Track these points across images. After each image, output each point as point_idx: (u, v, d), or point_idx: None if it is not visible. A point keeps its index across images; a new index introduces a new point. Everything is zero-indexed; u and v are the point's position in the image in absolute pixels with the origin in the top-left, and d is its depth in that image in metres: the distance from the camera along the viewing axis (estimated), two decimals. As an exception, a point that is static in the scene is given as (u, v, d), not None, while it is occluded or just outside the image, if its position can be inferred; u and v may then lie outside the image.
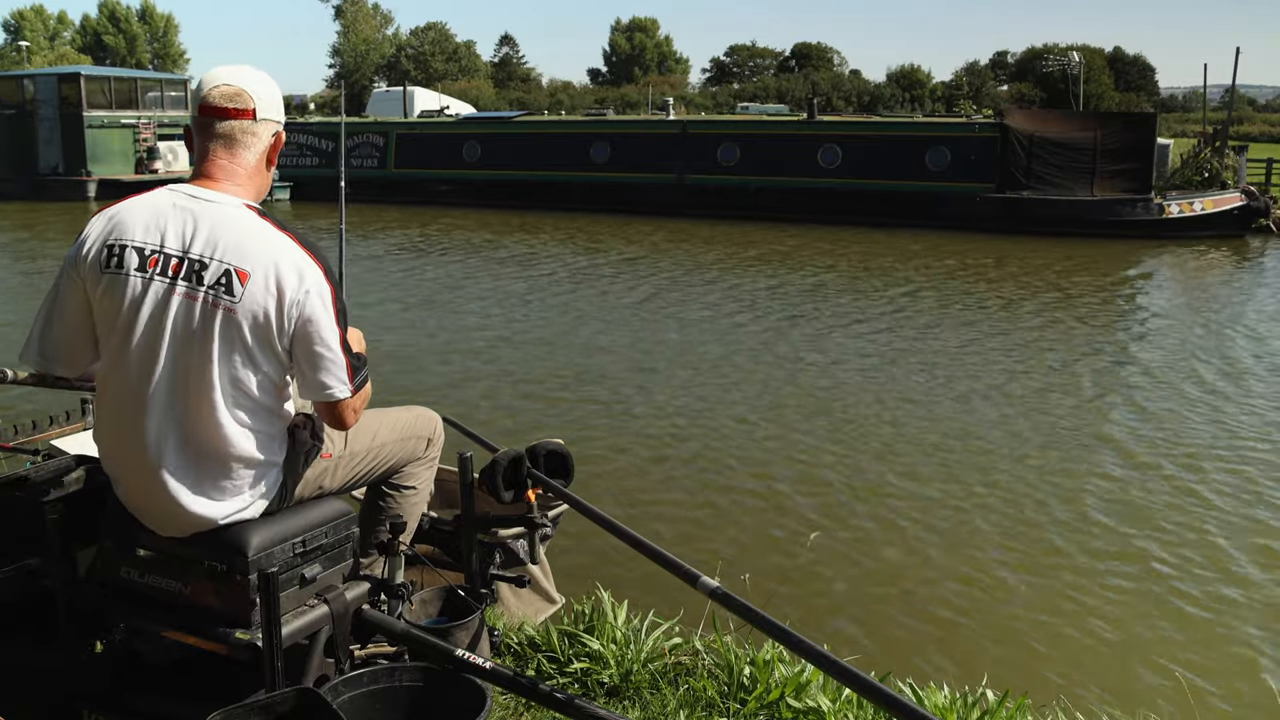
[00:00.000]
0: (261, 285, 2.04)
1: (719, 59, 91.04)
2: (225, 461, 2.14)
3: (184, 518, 2.16)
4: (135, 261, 2.07)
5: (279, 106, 2.24)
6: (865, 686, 1.98)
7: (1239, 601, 5.29)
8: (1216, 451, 7.60)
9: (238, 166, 2.16)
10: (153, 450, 2.11)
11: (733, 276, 15.82)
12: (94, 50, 72.03)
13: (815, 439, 7.78)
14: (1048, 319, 12.75)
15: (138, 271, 2.07)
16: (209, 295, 2.04)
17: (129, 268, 2.07)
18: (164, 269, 2.06)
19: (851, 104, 67.48)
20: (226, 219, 2.09)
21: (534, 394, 9.03)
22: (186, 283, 2.05)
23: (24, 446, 3.06)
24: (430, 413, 2.73)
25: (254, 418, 2.14)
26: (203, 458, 2.13)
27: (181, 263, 2.06)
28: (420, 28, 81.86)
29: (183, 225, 2.09)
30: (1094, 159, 20.90)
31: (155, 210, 2.12)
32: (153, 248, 2.08)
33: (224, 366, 2.07)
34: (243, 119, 2.15)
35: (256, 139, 2.18)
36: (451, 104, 39.39)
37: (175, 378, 2.08)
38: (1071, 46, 60.66)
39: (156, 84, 29.76)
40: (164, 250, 2.07)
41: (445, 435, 2.81)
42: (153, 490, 2.14)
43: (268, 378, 2.12)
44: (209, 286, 2.04)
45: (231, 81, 2.16)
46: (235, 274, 2.04)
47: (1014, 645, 4.85)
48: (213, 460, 2.13)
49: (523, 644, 3.37)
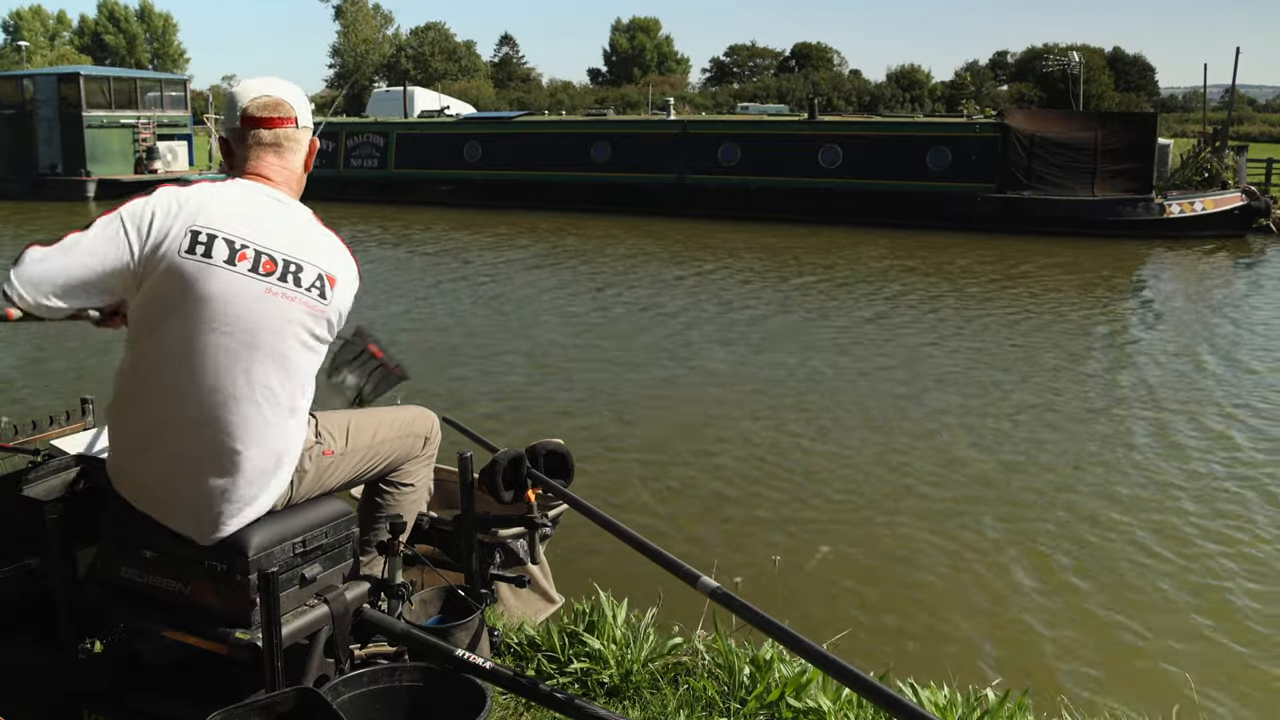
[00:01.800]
0: (345, 290, 2.23)
1: (719, 59, 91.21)
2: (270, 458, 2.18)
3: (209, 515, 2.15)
4: (224, 254, 2.08)
5: (310, 113, 2.37)
6: (865, 686, 1.98)
7: (1242, 601, 5.29)
8: (1218, 451, 7.60)
9: (288, 171, 2.28)
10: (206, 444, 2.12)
11: (738, 277, 15.82)
12: (93, 50, 72.06)
13: (815, 439, 7.78)
14: (1050, 319, 12.75)
15: (226, 264, 2.08)
16: (302, 296, 2.15)
17: (218, 258, 2.08)
18: (255, 266, 2.10)
19: (852, 104, 67.49)
20: (303, 221, 2.22)
21: (534, 393, 9.03)
22: (283, 283, 2.12)
23: (24, 446, 3.05)
24: (427, 411, 2.75)
25: (294, 416, 2.21)
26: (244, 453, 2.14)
27: (275, 262, 2.13)
28: (420, 28, 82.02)
29: (273, 224, 2.16)
30: (1095, 159, 20.90)
31: (242, 202, 2.16)
32: (242, 242, 2.11)
33: (300, 365, 2.17)
34: (286, 126, 2.27)
35: (299, 145, 2.31)
36: (452, 104, 39.37)
37: (254, 377, 2.11)
38: (1071, 46, 60.66)
39: (156, 84, 29.73)
40: (255, 246, 2.12)
41: (445, 435, 2.82)
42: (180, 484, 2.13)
43: (312, 375, 2.23)
44: (305, 288, 2.15)
45: (270, 92, 2.28)
46: (326, 279, 2.18)
47: (1014, 645, 4.85)
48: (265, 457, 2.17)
49: (523, 644, 3.37)
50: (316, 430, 2.36)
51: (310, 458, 2.33)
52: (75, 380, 8.65)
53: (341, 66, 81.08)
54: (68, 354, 9.78)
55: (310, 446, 2.32)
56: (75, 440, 2.99)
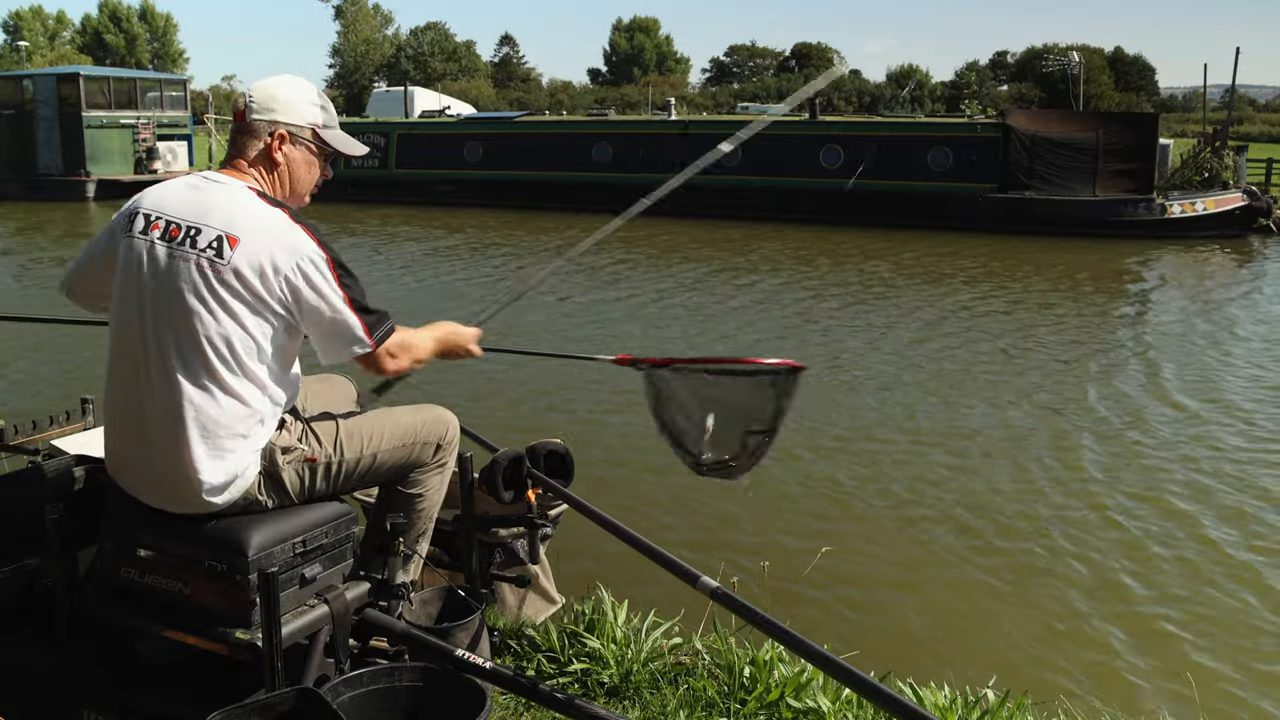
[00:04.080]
0: (250, 249, 2.21)
1: (719, 59, 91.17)
2: (204, 424, 2.21)
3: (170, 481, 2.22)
4: (142, 225, 2.29)
5: (279, 108, 2.39)
6: (865, 686, 1.98)
7: (1244, 602, 5.28)
8: (1220, 452, 7.59)
9: (243, 161, 2.39)
10: (144, 408, 2.24)
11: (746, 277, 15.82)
12: (94, 50, 72.03)
13: (815, 439, 7.77)
14: (1050, 320, 12.75)
15: (141, 235, 2.28)
16: (200, 258, 2.21)
17: (136, 230, 2.29)
18: (164, 234, 2.26)
19: (852, 104, 67.49)
20: (225, 194, 2.30)
21: (534, 394, 9.03)
22: (181, 246, 2.23)
23: (24, 446, 3.06)
24: (444, 415, 2.65)
25: (236, 382, 2.22)
26: (184, 418, 2.20)
27: (180, 228, 2.25)
28: (420, 28, 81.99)
29: (188, 197, 2.31)
30: (1096, 159, 20.89)
31: (171, 186, 2.37)
32: (156, 214, 2.29)
33: (207, 325, 2.20)
34: (239, 120, 2.40)
35: (253, 138, 2.38)
36: (453, 104, 39.39)
37: (166, 336, 2.22)
38: (1071, 46, 60.59)
39: (156, 84, 29.71)
40: (164, 215, 2.28)
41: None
42: (143, 453, 2.25)
43: (251, 341, 2.22)
44: (201, 250, 2.22)
45: (248, 88, 2.45)
46: (226, 239, 2.22)
47: (1014, 645, 4.85)
48: (193, 421, 2.20)
49: (523, 644, 3.37)
50: (302, 433, 2.36)
51: (289, 458, 2.32)
52: (75, 380, 8.65)
53: (341, 66, 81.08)
54: (68, 354, 9.78)
55: (291, 449, 2.32)
56: (75, 440, 2.99)
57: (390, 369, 2.44)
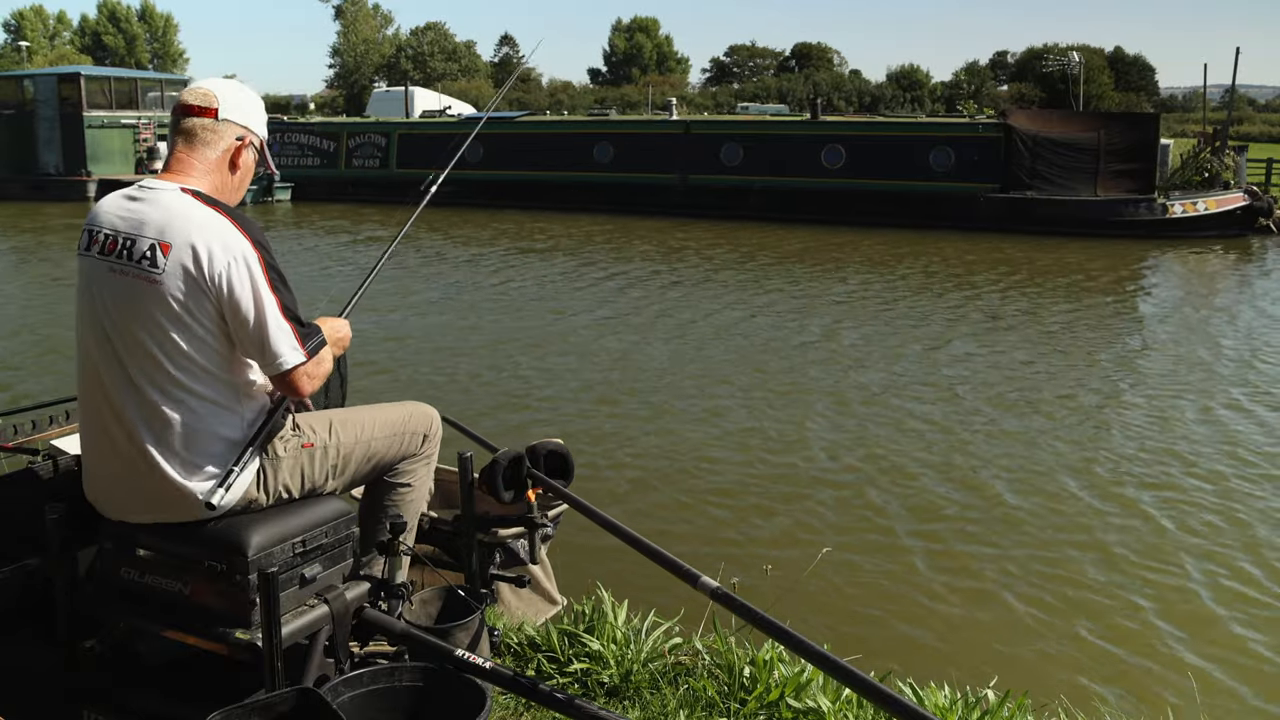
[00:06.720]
0: (182, 255, 2.14)
1: (719, 59, 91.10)
2: (183, 434, 2.18)
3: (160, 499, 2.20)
4: (86, 242, 2.26)
5: (250, 116, 2.35)
6: (865, 686, 1.98)
7: (1245, 601, 5.28)
8: (1222, 453, 7.59)
9: (194, 160, 2.28)
10: (119, 431, 2.21)
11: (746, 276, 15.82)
12: (94, 50, 72.01)
13: (815, 439, 7.77)
14: (1051, 320, 12.74)
15: (86, 252, 2.25)
16: (135, 270, 2.16)
17: (82, 248, 2.27)
18: (103, 249, 2.22)
19: (853, 104, 67.46)
20: (159, 201, 2.21)
21: (533, 393, 9.03)
22: (120, 260, 2.19)
23: (24, 446, 3.06)
24: (426, 408, 2.69)
25: (207, 389, 2.20)
26: (161, 432, 2.18)
27: (116, 241, 2.20)
28: (420, 28, 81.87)
29: (125, 208, 2.24)
30: (1098, 159, 20.91)
31: (111, 198, 2.30)
32: (97, 228, 2.25)
33: (160, 337, 2.16)
34: (205, 116, 2.29)
35: (217, 136, 2.30)
36: (453, 104, 39.40)
37: (123, 353, 2.19)
38: (1071, 46, 60.60)
39: (156, 84, 29.77)
40: (103, 229, 2.24)
41: (445, 435, 2.79)
42: (129, 475, 2.22)
43: (208, 346, 2.19)
44: (135, 261, 2.17)
45: (204, 86, 2.34)
46: (159, 246, 2.16)
47: (1014, 645, 4.85)
48: (171, 434, 2.18)
49: (523, 644, 3.37)
50: (295, 423, 2.37)
51: (285, 447, 2.32)
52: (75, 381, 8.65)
53: (341, 66, 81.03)
54: (68, 354, 9.79)
55: (286, 437, 2.33)
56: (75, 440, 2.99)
57: (306, 390, 2.27)
